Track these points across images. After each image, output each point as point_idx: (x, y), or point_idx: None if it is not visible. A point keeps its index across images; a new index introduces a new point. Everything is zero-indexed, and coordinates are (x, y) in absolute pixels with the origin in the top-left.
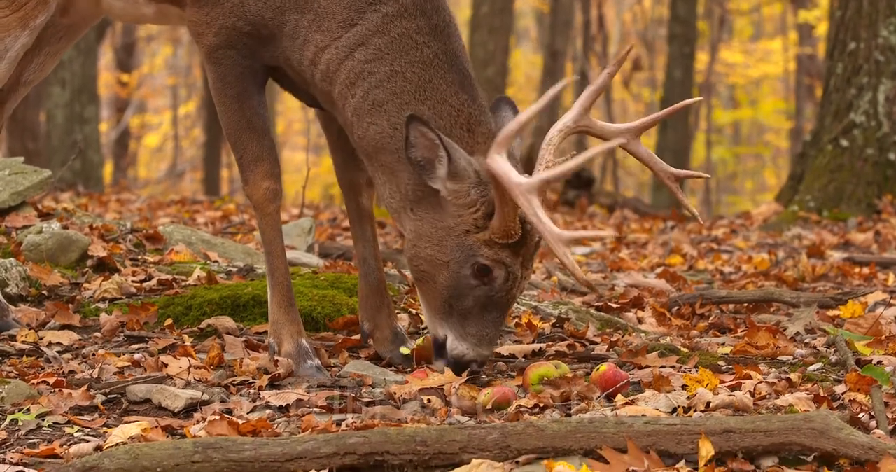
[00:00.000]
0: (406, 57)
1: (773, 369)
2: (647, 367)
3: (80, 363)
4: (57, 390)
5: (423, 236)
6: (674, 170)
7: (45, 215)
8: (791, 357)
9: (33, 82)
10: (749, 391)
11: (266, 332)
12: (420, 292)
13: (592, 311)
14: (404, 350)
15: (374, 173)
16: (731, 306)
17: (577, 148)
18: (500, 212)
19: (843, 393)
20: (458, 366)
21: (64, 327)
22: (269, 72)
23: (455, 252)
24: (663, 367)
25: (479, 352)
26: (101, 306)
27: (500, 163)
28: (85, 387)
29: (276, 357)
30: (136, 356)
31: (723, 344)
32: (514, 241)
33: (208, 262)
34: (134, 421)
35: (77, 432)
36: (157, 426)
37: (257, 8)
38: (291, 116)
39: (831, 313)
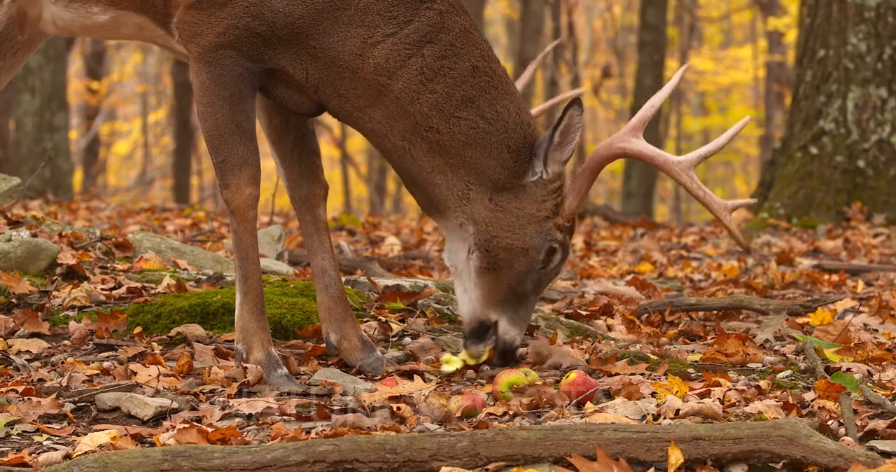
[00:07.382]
0: (476, 52)
1: (743, 377)
2: (616, 374)
3: (49, 372)
4: (26, 398)
5: (503, 226)
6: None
7: (14, 223)
8: (760, 365)
9: None
10: (718, 399)
11: None
12: (481, 280)
13: (562, 318)
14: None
15: (432, 171)
16: (701, 314)
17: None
18: (578, 195)
19: (812, 400)
20: (505, 352)
21: (33, 335)
22: (265, 75)
23: (534, 238)
24: (633, 374)
25: (522, 337)
26: (71, 314)
27: (645, 145)
28: (54, 395)
29: (244, 364)
30: (106, 364)
31: (692, 351)
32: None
33: (178, 270)
34: (103, 429)
35: (46, 440)
36: (126, 435)
37: (284, 6)
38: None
39: (800, 320)
